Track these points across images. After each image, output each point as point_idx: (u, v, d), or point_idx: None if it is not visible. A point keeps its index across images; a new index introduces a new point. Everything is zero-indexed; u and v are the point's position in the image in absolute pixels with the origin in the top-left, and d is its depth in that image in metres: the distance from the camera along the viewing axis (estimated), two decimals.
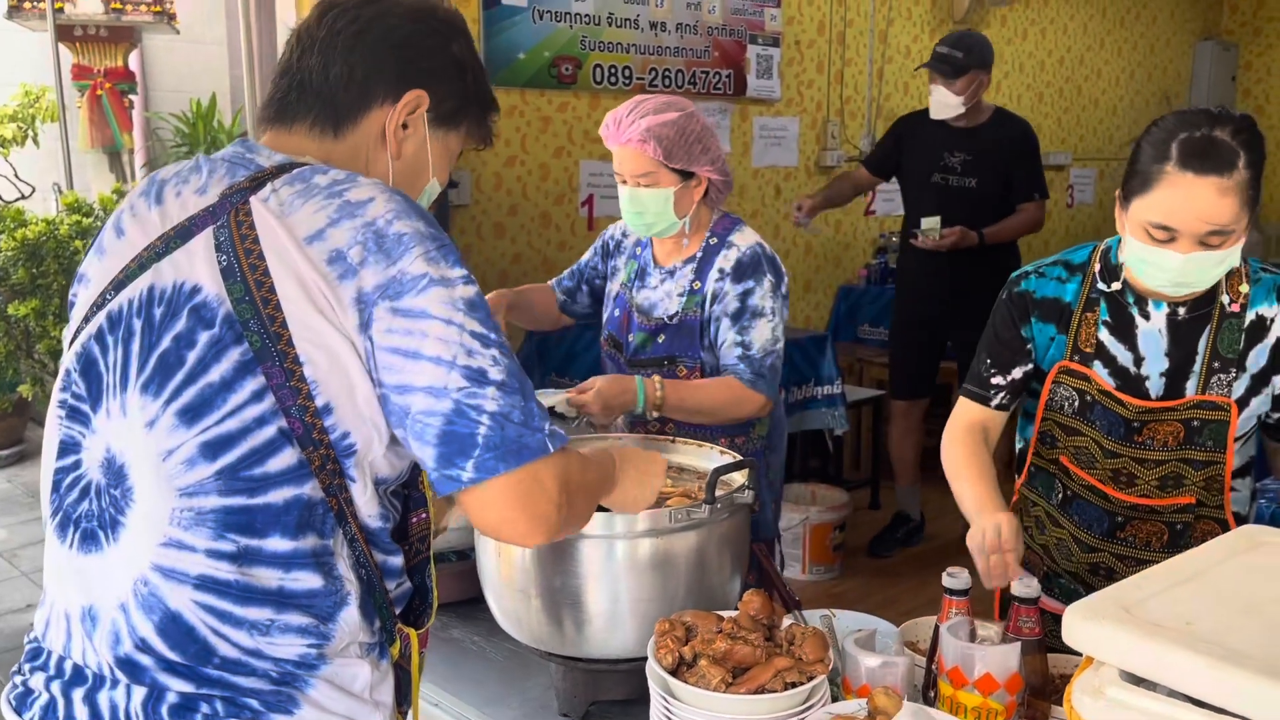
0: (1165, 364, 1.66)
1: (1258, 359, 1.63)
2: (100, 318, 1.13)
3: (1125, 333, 1.68)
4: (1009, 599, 1.42)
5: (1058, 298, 1.74)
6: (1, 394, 4.42)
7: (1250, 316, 1.63)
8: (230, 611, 1.04)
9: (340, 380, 1.05)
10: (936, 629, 1.39)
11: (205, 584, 1.04)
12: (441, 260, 1.07)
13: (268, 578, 1.05)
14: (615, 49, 4.35)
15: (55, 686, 1.09)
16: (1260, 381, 1.64)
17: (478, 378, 1.05)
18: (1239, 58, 7.51)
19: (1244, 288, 1.63)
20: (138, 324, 1.09)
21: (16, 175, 5.21)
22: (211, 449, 1.04)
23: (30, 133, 5.36)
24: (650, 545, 1.49)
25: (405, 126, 1.21)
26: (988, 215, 3.93)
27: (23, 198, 5.12)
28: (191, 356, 1.06)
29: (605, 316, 2.30)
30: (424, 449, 1.06)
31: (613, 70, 4.35)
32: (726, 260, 2.09)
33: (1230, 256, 1.54)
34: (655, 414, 2.00)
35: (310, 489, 1.05)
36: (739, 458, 1.67)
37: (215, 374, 1.05)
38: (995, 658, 1.30)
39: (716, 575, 1.56)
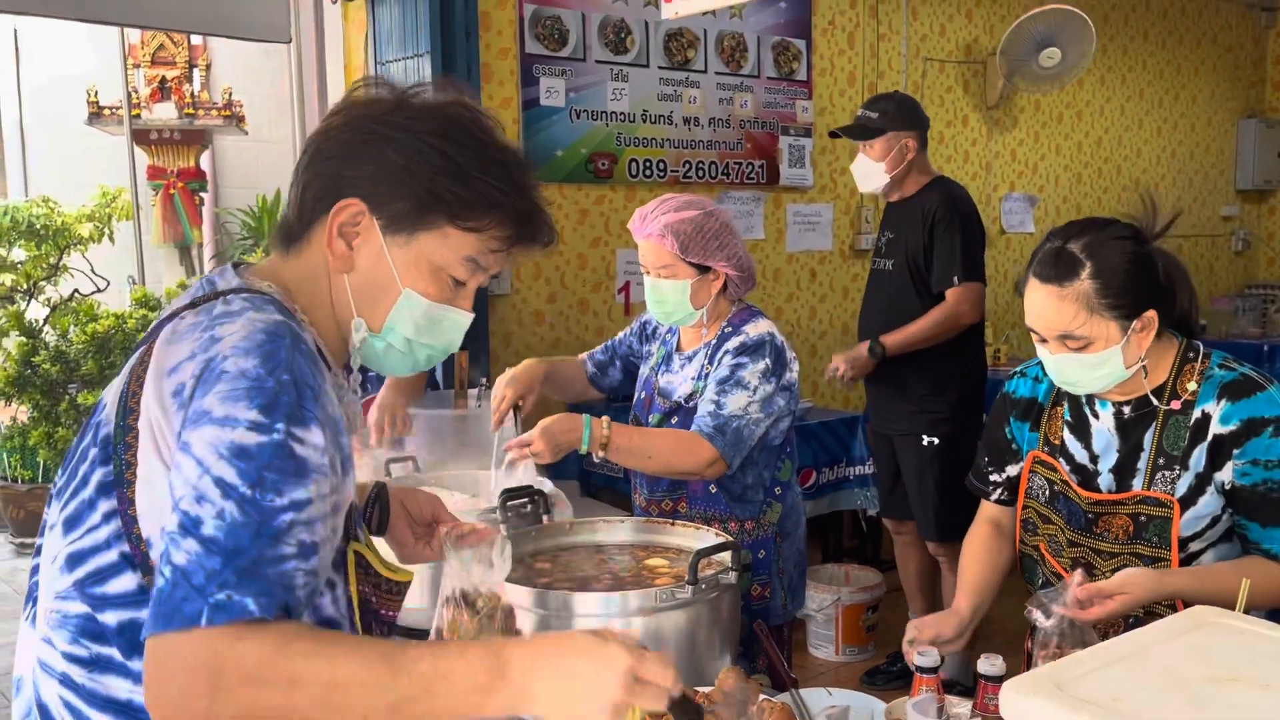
0: (1114, 459, 1.71)
1: (1199, 458, 1.64)
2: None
3: (1082, 432, 1.76)
4: (979, 677, 1.49)
5: (1033, 398, 1.84)
6: None
7: (1196, 414, 1.64)
8: (82, 711, 1.09)
9: (156, 518, 1.04)
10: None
11: (67, 682, 1.10)
12: (240, 401, 1.00)
13: (119, 688, 1.08)
14: (650, 144, 4.54)
15: None
16: (1204, 481, 1.64)
17: (188, 526, 0.96)
18: None
19: (1192, 385, 1.66)
20: (82, 430, 1.17)
21: (93, 270, 5.54)
22: (72, 561, 1.10)
23: (106, 231, 5.71)
24: (640, 624, 1.59)
25: (357, 236, 1.16)
26: (906, 303, 3.46)
27: (98, 291, 5.44)
28: (81, 471, 1.12)
29: (634, 398, 2.42)
30: None
31: (647, 164, 4.54)
32: (734, 343, 2.19)
33: (1106, 361, 1.61)
34: (601, 454, 2.04)
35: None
36: (729, 539, 1.76)
37: (87, 491, 1.10)
38: None
39: (705, 652, 1.65)
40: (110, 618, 1.07)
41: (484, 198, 1.17)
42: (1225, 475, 1.63)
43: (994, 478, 1.90)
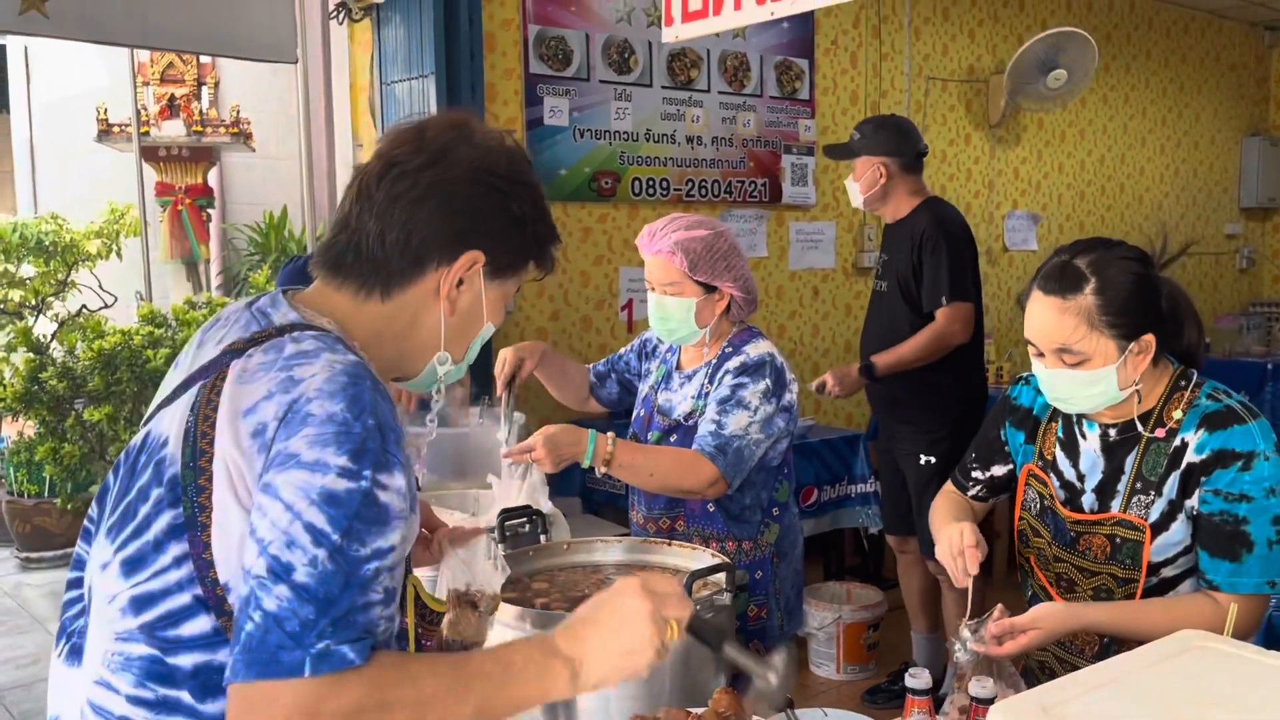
0: (1098, 480, 1.73)
1: (1173, 485, 1.65)
2: (122, 453, 1.20)
3: (1072, 450, 1.78)
4: (970, 699, 1.50)
5: (1030, 409, 1.86)
6: (76, 493, 4.69)
7: (1175, 443, 1.66)
8: None
9: (236, 560, 1.04)
10: None
11: None
12: (330, 445, 1.02)
13: None
14: (653, 163, 4.58)
15: None
16: (1175, 508, 1.65)
17: (278, 572, 0.98)
18: None
19: (1178, 413, 1.67)
20: (129, 465, 1.16)
21: (100, 286, 5.57)
22: (137, 604, 1.08)
23: (114, 248, 5.75)
24: None
25: (461, 283, 1.21)
26: (901, 324, 3.48)
27: (105, 307, 5.48)
28: (142, 511, 1.10)
29: (633, 415, 2.44)
30: None
31: (650, 183, 4.57)
32: (734, 363, 2.21)
33: (1101, 379, 1.62)
34: (604, 470, 2.05)
35: (226, 656, 1.03)
36: (724, 560, 1.78)
37: (152, 533, 1.08)
38: None
39: (700, 673, 1.66)
40: (184, 660, 1.07)
41: (551, 239, 1.29)
42: (1193, 502, 1.64)
43: (976, 474, 1.94)
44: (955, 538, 1.70)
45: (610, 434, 2.08)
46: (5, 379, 4.22)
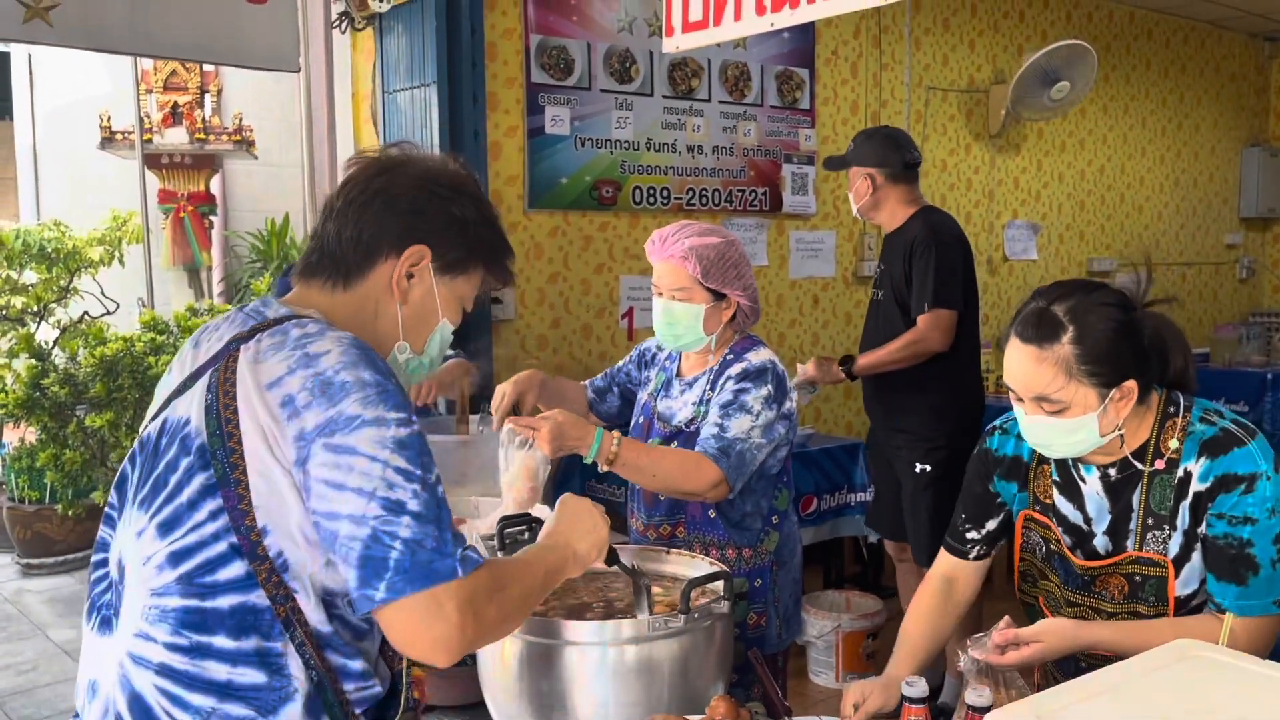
0: (1108, 521, 1.70)
1: (1184, 517, 1.63)
2: (136, 443, 1.37)
3: (1073, 493, 1.74)
4: (966, 707, 1.51)
5: (1017, 456, 1.82)
6: (77, 499, 4.70)
7: (1179, 473, 1.63)
8: (181, 696, 1.23)
9: (278, 506, 1.22)
10: None
11: (164, 671, 1.24)
12: (380, 404, 1.22)
13: (217, 670, 1.23)
14: (654, 172, 4.59)
15: None
16: (1191, 539, 1.63)
17: (395, 508, 1.19)
18: None
19: (1174, 443, 1.64)
20: (150, 449, 1.32)
21: (103, 293, 5.59)
22: (176, 558, 1.24)
23: (117, 254, 5.77)
24: (634, 652, 1.61)
25: (411, 276, 1.39)
26: (899, 331, 3.50)
27: (108, 313, 5.50)
28: (173, 480, 1.26)
29: (631, 423, 2.45)
30: (348, 570, 1.20)
31: (651, 191, 4.59)
32: (736, 369, 2.22)
33: (1081, 427, 1.59)
34: (606, 467, 2.05)
35: (256, 597, 1.23)
36: (722, 568, 1.78)
37: (185, 495, 1.25)
38: None
39: (698, 680, 1.67)
40: (223, 602, 1.23)
41: (502, 247, 1.48)
42: (1202, 528, 1.63)
43: (971, 535, 1.88)
44: (853, 695, 1.74)
45: (615, 432, 2.08)
46: (7, 385, 4.23)
